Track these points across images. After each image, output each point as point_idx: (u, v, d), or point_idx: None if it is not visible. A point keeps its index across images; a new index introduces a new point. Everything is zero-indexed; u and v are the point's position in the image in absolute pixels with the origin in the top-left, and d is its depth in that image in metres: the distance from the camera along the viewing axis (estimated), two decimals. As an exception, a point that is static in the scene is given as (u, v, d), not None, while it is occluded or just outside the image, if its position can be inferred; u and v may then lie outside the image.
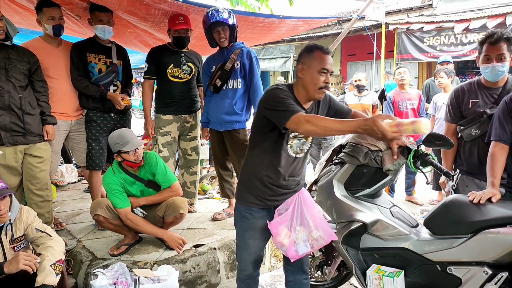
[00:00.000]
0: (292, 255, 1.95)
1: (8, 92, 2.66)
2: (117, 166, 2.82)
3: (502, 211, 1.88)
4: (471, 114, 2.41)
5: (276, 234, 1.95)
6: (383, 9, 10.06)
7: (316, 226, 1.96)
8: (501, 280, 1.81)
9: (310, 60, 1.87)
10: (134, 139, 2.73)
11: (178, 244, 2.75)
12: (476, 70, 9.19)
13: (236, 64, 3.07)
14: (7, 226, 2.12)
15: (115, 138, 2.74)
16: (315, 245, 1.98)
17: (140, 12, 3.18)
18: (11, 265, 1.96)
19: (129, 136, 2.73)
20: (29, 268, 1.96)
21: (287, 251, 1.95)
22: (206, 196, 4.30)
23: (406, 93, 4.58)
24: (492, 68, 2.27)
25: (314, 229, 1.96)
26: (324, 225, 1.98)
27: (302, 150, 2.00)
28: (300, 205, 1.98)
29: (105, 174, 2.85)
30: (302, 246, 1.96)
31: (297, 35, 12.37)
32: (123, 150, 2.69)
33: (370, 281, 2.11)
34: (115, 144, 2.71)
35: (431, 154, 2.05)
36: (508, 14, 8.33)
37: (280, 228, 1.94)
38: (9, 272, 1.95)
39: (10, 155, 2.69)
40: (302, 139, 1.97)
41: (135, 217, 2.78)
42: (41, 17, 2.97)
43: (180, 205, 2.80)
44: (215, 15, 2.94)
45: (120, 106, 3.21)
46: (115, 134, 2.78)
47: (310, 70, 1.86)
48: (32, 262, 1.98)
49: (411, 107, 4.54)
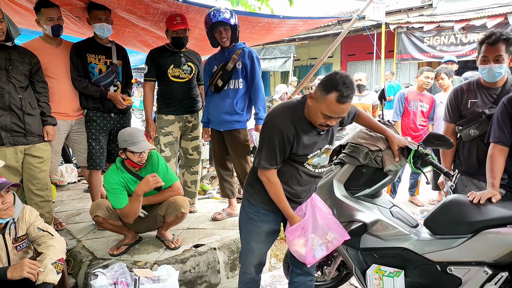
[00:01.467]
0: (310, 261, 1.96)
1: (8, 92, 2.66)
2: (120, 163, 2.82)
3: (502, 211, 1.88)
4: (470, 114, 2.40)
5: (292, 244, 1.95)
6: (383, 9, 10.08)
7: (329, 228, 1.97)
8: (501, 280, 1.81)
9: (322, 97, 1.71)
10: (143, 142, 2.71)
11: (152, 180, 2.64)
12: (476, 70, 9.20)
13: (237, 64, 3.08)
14: (11, 225, 2.13)
15: (125, 135, 2.72)
16: (330, 247, 1.99)
17: (139, 11, 3.18)
18: (15, 271, 1.94)
19: (139, 137, 2.71)
20: (32, 277, 1.94)
21: (306, 259, 1.95)
22: (206, 196, 4.30)
23: (421, 95, 4.54)
24: (489, 69, 2.26)
25: (328, 232, 1.97)
26: (336, 226, 1.99)
27: (323, 166, 1.98)
28: (313, 211, 1.98)
29: (107, 172, 2.83)
30: (318, 251, 1.97)
31: (297, 35, 12.38)
32: (129, 149, 2.68)
33: (370, 281, 2.11)
34: (124, 141, 2.70)
35: (431, 154, 2.05)
36: (508, 14, 8.33)
37: (296, 238, 1.94)
38: (12, 278, 1.93)
39: (11, 155, 2.70)
40: (323, 155, 1.95)
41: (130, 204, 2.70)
42: (39, 17, 2.97)
43: (181, 204, 2.79)
44: (217, 15, 2.95)
45: (122, 106, 3.22)
46: (126, 132, 2.76)
47: (317, 106, 1.73)
48: (36, 270, 1.96)
49: (421, 109, 4.50)
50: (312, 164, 1.93)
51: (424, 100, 4.52)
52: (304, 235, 1.94)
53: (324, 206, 2.04)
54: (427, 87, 4.52)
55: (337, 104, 1.67)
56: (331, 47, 4.59)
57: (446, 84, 4.41)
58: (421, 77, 4.49)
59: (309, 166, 1.93)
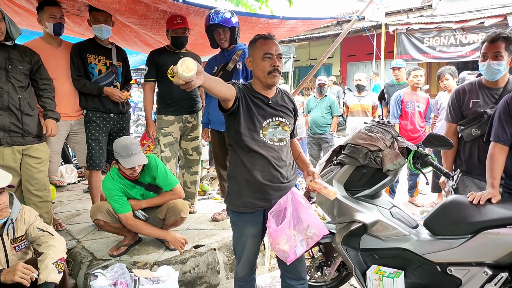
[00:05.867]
0: (291, 258, 1.94)
1: (7, 92, 2.66)
2: (115, 171, 2.79)
3: (501, 212, 1.88)
4: (471, 114, 2.41)
5: (275, 242, 1.93)
6: (383, 9, 10.07)
7: (310, 224, 1.95)
8: (501, 281, 1.81)
9: (253, 50, 1.95)
10: (135, 156, 2.61)
11: (181, 244, 2.73)
12: (476, 71, 9.21)
13: (238, 65, 3.09)
14: (9, 225, 2.12)
15: (118, 147, 2.64)
16: (310, 243, 1.98)
17: (140, 10, 3.19)
18: (7, 275, 1.94)
19: (132, 151, 2.60)
20: (24, 282, 1.92)
21: (288, 257, 1.94)
22: (206, 197, 4.30)
23: (416, 95, 4.55)
24: (488, 66, 2.27)
25: (308, 228, 1.95)
26: (316, 221, 1.98)
27: (279, 139, 1.97)
28: (294, 205, 1.96)
29: (104, 179, 2.81)
30: (299, 247, 1.95)
31: (297, 36, 12.38)
32: (120, 163, 2.64)
33: (370, 282, 2.11)
34: (116, 152, 2.65)
35: (431, 155, 2.05)
36: (508, 14, 8.34)
37: (281, 237, 1.91)
38: (5, 282, 1.93)
39: (9, 155, 2.69)
40: (278, 127, 1.96)
41: (135, 221, 2.77)
42: (42, 15, 2.97)
43: (181, 208, 2.79)
44: (215, 17, 2.95)
45: (120, 99, 3.22)
46: (120, 143, 2.66)
47: (255, 59, 1.93)
48: (29, 275, 1.94)
49: (418, 110, 4.52)
50: (268, 137, 1.93)
51: (420, 100, 4.54)
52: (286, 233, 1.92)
53: (305, 200, 2.00)
54: (419, 85, 4.55)
55: (265, 40, 1.93)
56: (331, 48, 4.59)
57: (451, 85, 4.35)
58: (410, 78, 4.55)
59: (266, 138, 1.93)
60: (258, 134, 1.92)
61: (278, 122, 1.96)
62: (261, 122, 1.92)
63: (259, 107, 1.93)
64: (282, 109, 1.99)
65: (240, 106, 1.88)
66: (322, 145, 5.60)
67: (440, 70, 4.50)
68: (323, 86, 5.64)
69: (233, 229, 2.12)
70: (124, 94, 3.23)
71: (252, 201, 1.96)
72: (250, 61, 1.96)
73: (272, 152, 1.95)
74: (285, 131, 1.99)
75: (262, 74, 1.92)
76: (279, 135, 1.96)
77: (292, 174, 2.06)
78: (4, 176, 2.07)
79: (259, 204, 1.97)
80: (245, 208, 1.99)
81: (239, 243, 2.09)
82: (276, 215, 1.95)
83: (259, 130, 1.92)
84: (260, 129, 1.92)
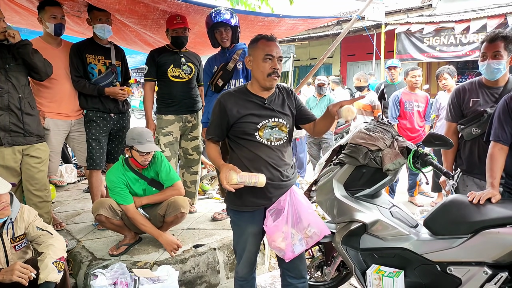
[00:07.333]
0: (289, 256, 1.94)
1: (7, 92, 2.65)
2: (124, 161, 2.85)
3: (501, 211, 1.88)
4: (471, 113, 2.41)
5: (272, 240, 1.93)
6: (382, 9, 10.06)
7: (309, 223, 1.95)
8: (500, 280, 1.81)
9: (254, 50, 1.94)
10: (151, 143, 2.75)
11: (173, 248, 2.75)
12: (476, 70, 9.20)
13: (238, 64, 3.09)
14: (8, 224, 2.12)
15: (134, 133, 2.75)
16: (309, 242, 1.98)
17: (140, 10, 3.19)
18: (5, 275, 1.93)
19: (147, 138, 2.75)
20: (22, 281, 1.92)
21: (285, 254, 1.94)
22: (206, 196, 4.30)
23: (415, 95, 4.55)
24: (487, 65, 2.27)
25: (308, 227, 1.95)
26: (316, 220, 1.98)
27: (277, 138, 1.97)
28: (293, 204, 1.96)
29: (109, 170, 2.86)
30: (297, 246, 1.95)
31: (297, 35, 12.38)
32: (136, 147, 2.70)
33: (370, 281, 2.11)
34: (132, 139, 2.73)
35: (431, 154, 2.05)
36: (508, 14, 8.33)
37: (276, 234, 1.92)
38: (3, 281, 1.93)
39: (9, 155, 2.69)
40: (275, 128, 1.96)
41: (135, 214, 2.78)
42: (42, 15, 2.97)
43: (181, 204, 2.80)
44: (218, 16, 2.96)
45: (123, 97, 3.24)
46: (136, 130, 2.79)
47: (256, 59, 1.92)
48: (27, 275, 1.94)
49: (417, 109, 4.51)
50: (265, 137, 1.93)
51: (419, 100, 4.54)
52: (283, 229, 1.92)
53: (304, 199, 2.01)
54: (418, 85, 4.55)
55: (267, 41, 1.92)
56: (330, 47, 4.59)
57: (449, 85, 4.36)
58: (408, 78, 4.55)
59: (263, 139, 1.93)
60: (254, 136, 1.93)
61: (274, 123, 1.96)
62: (257, 124, 1.93)
63: (254, 110, 1.94)
64: (278, 109, 1.99)
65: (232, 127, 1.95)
66: (322, 145, 5.60)
67: (439, 70, 4.50)
68: (323, 86, 5.64)
69: (234, 228, 2.13)
70: (125, 89, 3.23)
71: (252, 200, 1.97)
72: (250, 61, 1.96)
73: (270, 152, 1.96)
74: (282, 131, 1.99)
75: (261, 76, 1.92)
76: (276, 135, 1.97)
77: (292, 173, 2.06)
78: (3, 184, 2.08)
79: (259, 202, 1.98)
80: (245, 206, 1.99)
81: (239, 243, 2.09)
82: (275, 213, 1.96)
83: (255, 132, 1.93)
84: (255, 131, 1.93)
